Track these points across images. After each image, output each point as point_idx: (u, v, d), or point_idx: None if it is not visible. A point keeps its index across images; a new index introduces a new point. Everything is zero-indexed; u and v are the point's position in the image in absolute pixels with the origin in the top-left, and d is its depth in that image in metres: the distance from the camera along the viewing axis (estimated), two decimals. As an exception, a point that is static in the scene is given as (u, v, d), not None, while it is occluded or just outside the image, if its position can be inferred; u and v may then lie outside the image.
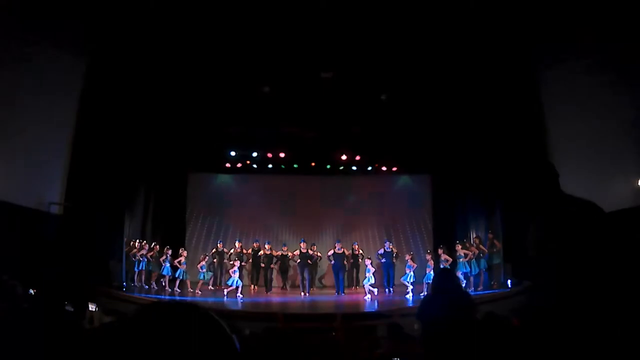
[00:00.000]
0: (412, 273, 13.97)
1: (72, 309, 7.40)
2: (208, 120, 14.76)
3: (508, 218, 13.73)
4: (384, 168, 17.84)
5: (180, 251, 15.07)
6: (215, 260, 15.79)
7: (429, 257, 14.34)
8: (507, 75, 12.12)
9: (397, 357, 5.02)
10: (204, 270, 14.97)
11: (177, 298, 13.60)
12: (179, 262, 14.59)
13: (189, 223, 17.78)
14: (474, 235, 15.31)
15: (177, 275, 14.66)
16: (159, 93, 13.14)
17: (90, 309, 7.79)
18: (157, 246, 15.16)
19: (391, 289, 14.92)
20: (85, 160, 11.81)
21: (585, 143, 10.79)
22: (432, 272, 13.86)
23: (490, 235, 14.63)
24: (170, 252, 14.95)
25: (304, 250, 15.25)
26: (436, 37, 11.06)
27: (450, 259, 14.15)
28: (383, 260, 15.16)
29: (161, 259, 14.82)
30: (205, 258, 15.16)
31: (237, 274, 14.26)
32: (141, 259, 14.64)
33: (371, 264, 14.25)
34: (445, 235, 15.80)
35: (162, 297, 13.48)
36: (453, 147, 15.49)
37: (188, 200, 17.91)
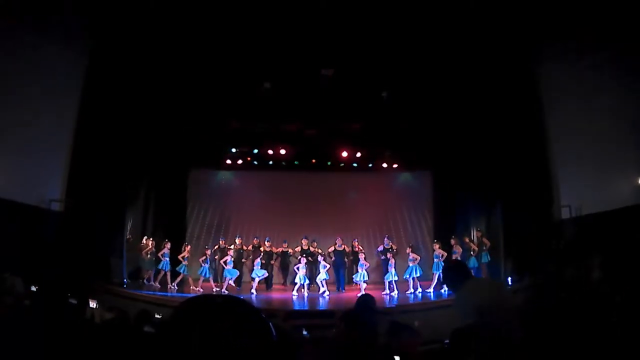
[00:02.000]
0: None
1: (75, 302, 7.42)
2: (209, 116, 14.76)
3: (508, 215, 13.75)
4: (384, 165, 17.85)
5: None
6: (217, 257, 15.78)
7: (389, 255, 14.45)
8: (508, 73, 12.11)
9: (396, 354, 5.03)
10: (231, 266, 14.71)
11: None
12: (225, 262, 14.46)
13: (189, 220, 17.80)
14: (470, 233, 15.35)
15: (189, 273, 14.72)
16: (159, 90, 13.13)
17: (90, 305, 7.79)
18: (189, 246, 15.17)
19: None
20: (86, 157, 11.82)
21: (586, 141, 10.79)
22: (393, 270, 14.01)
23: (479, 233, 14.61)
24: (209, 252, 14.97)
25: (306, 247, 15.26)
26: (437, 35, 11.04)
27: (419, 257, 14.28)
28: (382, 257, 15.19)
29: (200, 260, 14.76)
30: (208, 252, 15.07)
31: (304, 270, 14.33)
32: (162, 258, 14.63)
33: (324, 260, 14.53)
34: (445, 232, 15.80)
35: (167, 294, 13.52)
36: (454, 144, 15.51)
37: (189, 196, 17.93)
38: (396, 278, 14.14)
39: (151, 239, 15.14)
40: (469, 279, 4.51)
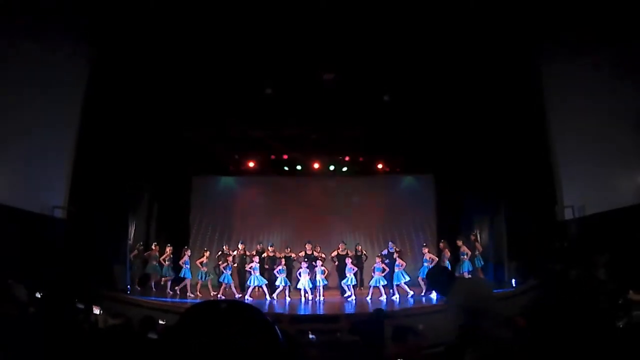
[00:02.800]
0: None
1: (80, 308, 7.43)
2: (211, 123, 14.78)
3: (512, 217, 13.72)
4: (387, 169, 17.86)
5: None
6: (220, 262, 15.70)
7: (378, 259, 14.45)
8: (510, 74, 12.10)
9: (401, 358, 5.03)
10: (257, 273, 14.46)
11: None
12: (251, 269, 14.38)
13: (192, 226, 17.78)
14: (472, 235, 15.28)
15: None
16: (162, 96, 13.16)
17: (94, 312, 7.81)
18: (207, 252, 15.04)
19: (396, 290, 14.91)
20: (89, 163, 11.83)
21: (588, 140, 10.77)
22: (381, 276, 14.05)
23: (473, 237, 14.44)
24: (230, 259, 14.86)
25: (309, 252, 15.21)
26: (438, 36, 11.04)
27: (404, 263, 14.19)
28: (387, 261, 15.13)
29: (222, 266, 14.61)
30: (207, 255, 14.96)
31: (307, 275, 14.28)
32: (184, 265, 14.47)
33: (322, 264, 14.56)
34: (449, 235, 15.74)
35: (171, 300, 13.50)
36: (456, 147, 15.48)
37: (192, 203, 17.93)
38: (384, 282, 14.08)
39: (169, 245, 15.06)
40: (455, 281, 4.63)
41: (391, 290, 14.50)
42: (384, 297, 13.92)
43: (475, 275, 13.36)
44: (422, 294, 14.05)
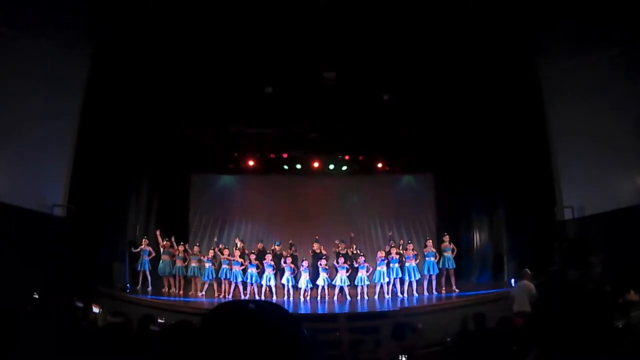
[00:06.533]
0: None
1: (79, 306, 7.42)
2: (211, 121, 14.77)
3: (511, 216, 13.72)
4: (387, 168, 17.84)
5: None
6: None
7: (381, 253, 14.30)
8: (510, 73, 12.11)
9: (402, 356, 5.05)
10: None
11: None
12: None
13: (192, 224, 17.72)
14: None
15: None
16: (162, 94, 13.16)
17: (93, 310, 7.80)
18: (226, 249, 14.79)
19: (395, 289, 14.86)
20: (89, 161, 11.82)
21: (588, 141, 10.77)
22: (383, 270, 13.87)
23: (447, 237, 14.25)
24: (253, 257, 14.37)
25: (318, 251, 15.04)
26: (438, 35, 11.05)
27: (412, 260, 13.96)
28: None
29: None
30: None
31: (307, 274, 14.15)
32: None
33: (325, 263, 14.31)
34: (448, 234, 15.71)
35: (169, 298, 13.46)
36: (456, 146, 15.48)
37: (191, 201, 17.87)
38: (368, 282, 14.02)
39: (182, 243, 14.81)
40: None
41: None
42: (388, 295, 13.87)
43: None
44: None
